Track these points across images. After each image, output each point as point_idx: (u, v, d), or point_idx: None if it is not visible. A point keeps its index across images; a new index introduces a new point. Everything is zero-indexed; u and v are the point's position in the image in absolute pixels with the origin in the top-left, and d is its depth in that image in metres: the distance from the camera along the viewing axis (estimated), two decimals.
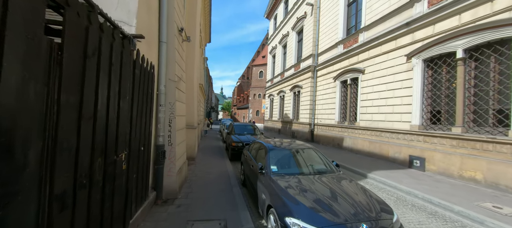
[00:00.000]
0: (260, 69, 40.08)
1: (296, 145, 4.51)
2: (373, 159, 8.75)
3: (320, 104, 13.71)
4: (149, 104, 3.25)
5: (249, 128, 9.46)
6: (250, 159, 4.58)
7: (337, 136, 11.70)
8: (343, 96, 11.77)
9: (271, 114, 24.14)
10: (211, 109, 46.28)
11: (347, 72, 11.15)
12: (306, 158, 3.98)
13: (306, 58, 15.38)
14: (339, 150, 11.13)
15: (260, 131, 9.31)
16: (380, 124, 8.86)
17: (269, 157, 3.67)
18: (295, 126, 16.73)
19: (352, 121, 10.82)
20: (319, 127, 13.69)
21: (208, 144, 12.08)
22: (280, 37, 21.47)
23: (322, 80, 13.61)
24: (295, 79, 17.14)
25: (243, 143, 7.56)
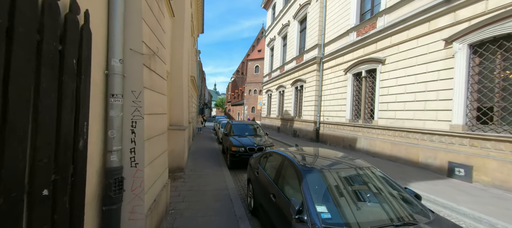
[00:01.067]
0: (256, 63, 38.37)
1: (345, 164, 2.79)
2: (397, 165, 7.40)
3: (327, 100, 12.29)
4: (84, 94, 1.63)
5: (250, 128, 7.89)
6: (267, 181, 2.99)
7: (349, 136, 10.32)
8: (356, 90, 10.36)
9: (269, 110, 22.63)
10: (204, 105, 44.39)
11: (362, 63, 9.72)
12: (373, 190, 2.31)
13: (310, 49, 13.88)
14: (352, 152, 9.75)
15: (264, 131, 7.76)
16: (406, 123, 7.49)
17: (308, 188, 2.07)
18: (297, 124, 15.29)
19: (368, 119, 9.44)
20: (326, 126, 12.29)
21: (201, 146, 10.45)
22: (279, 28, 19.86)
23: (330, 73, 12.16)
24: (297, 73, 15.65)
25: (246, 148, 6.00)
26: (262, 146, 6.12)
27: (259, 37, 52.23)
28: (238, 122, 7.87)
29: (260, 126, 8.00)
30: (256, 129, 7.79)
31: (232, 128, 7.30)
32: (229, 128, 7.42)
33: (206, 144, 11.05)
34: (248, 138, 6.66)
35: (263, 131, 7.64)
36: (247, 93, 39.50)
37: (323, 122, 12.59)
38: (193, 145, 10.53)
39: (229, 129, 7.39)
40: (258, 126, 8.04)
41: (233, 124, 7.57)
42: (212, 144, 11.36)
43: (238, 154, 5.96)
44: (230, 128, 7.38)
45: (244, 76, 53.03)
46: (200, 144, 10.93)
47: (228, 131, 7.29)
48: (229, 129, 7.39)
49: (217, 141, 12.64)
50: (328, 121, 12.10)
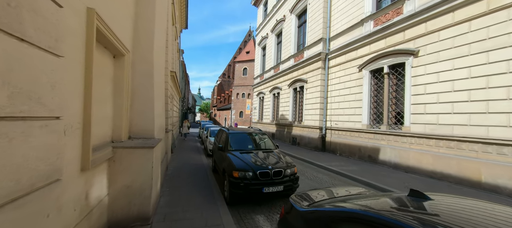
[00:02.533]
0: (244, 65, 36.25)
1: None
2: (448, 184, 5.63)
3: (336, 102, 10.50)
4: None
5: (255, 139, 5.55)
6: None
7: (367, 145, 8.52)
8: (376, 90, 8.64)
9: (261, 115, 20.56)
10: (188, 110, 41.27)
11: (383, 56, 8.04)
12: None
13: (312, 45, 12.12)
14: (373, 165, 7.93)
15: (273, 142, 5.55)
16: (457, 130, 5.78)
17: None
18: (297, 130, 13.35)
19: (395, 124, 7.70)
20: (335, 132, 10.45)
21: (185, 161, 8.02)
22: (272, 24, 18.06)
23: (339, 71, 10.41)
24: (296, 72, 13.81)
25: (256, 173, 3.77)
26: (280, 169, 3.97)
27: (246, 40, 50.44)
28: (236, 131, 5.56)
29: (268, 135, 5.80)
30: (262, 141, 5.56)
31: (229, 140, 5.00)
32: (225, 140, 5.11)
33: (191, 158, 8.62)
34: (254, 156, 4.44)
35: (272, 143, 5.48)
36: (235, 96, 37.16)
37: (330, 128, 10.75)
38: (174, 160, 8.06)
39: (225, 142, 5.08)
40: (264, 134, 5.84)
41: (230, 134, 5.23)
42: (198, 157, 8.95)
43: (243, 183, 3.71)
44: (226, 140, 5.06)
45: (231, 79, 50.73)
46: (183, 158, 8.48)
47: (223, 145, 5.00)
48: (225, 142, 5.08)
49: (204, 153, 10.23)
50: (337, 127, 10.27)
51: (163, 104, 5.68)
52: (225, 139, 5.24)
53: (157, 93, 4.42)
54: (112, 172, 2.77)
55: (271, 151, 4.98)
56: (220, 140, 5.83)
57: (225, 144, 5.01)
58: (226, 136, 5.34)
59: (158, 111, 4.54)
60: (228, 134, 5.29)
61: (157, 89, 4.35)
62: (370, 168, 7.49)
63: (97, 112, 2.64)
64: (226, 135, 5.40)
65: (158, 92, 4.50)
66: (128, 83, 3.39)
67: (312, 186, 5.59)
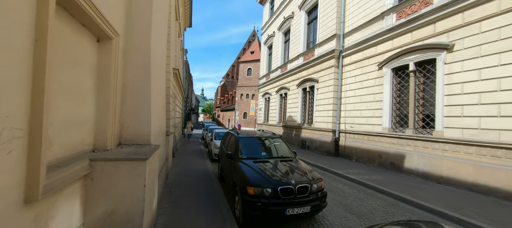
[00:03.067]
0: (248, 66, 35.53)
1: None
2: (495, 200, 4.77)
3: (351, 103, 9.67)
4: None
5: (269, 145, 4.70)
6: None
7: (390, 151, 7.68)
8: (399, 89, 7.81)
9: (266, 116, 19.80)
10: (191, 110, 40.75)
11: (409, 52, 7.21)
12: None
13: (324, 42, 11.32)
14: (398, 173, 7.08)
15: (291, 149, 4.73)
16: (504, 136, 4.93)
17: None
18: (307, 133, 12.54)
19: (423, 128, 6.86)
20: (350, 136, 9.62)
21: (187, 167, 7.30)
22: (279, 22, 17.32)
23: (354, 69, 9.60)
24: (306, 71, 13.03)
25: (277, 190, 2.99)
26: (306, 185, 3.19)
27: (251, 40, 49.84)
28: (247, 135, 4.73)
29: (283, 141, 4.99)
30: (277, 146, 4.76)
31: (239, 146, 4.22)
32: (235, 146, 4.31)
33: (194, 164, 7.89)
34: (271, 166, 3.65)
35: (289, 149, 4.68)
36: (239, 97, 36.44)
37: (345, 131, 9.92)
38: (175, 165, 7.34)
39: (234, 148, 4.30)
40: (278, 139, 5.04)
41: (240, 139, 4.42)
42: (202, 162, 8.22)
43: (261, 202, 2.93)
44: (236, 146, 4.27)
45: (235, 79, 50.13)
46: (185, 164, 7.75)
47: (233, 151, 4.22)
48: (234, 148, 4.30)
49: (209, 157, 9.49)
50: (353, 130, 9.44)
51: (163, 104, 4.96)
52: (234, 144, 4.47)
53: (156, 90, 3.69)
54: (90, 194, 2.03)
55: (289, 159, 4.19)
56: (228, 145, 5.07)
57: (234, 150, 4.23)
58: (235, 141, 4.56)
59: (157, 112, 3.81)
60: (238, 139, 4.51)
61: (155, 85, 3.63)
62: (395, 177, 6.64)
63: (67, 112, 1.91)
64: (235, 139, 4.62)
65: (157, 89, 3.78)
66: (116, 75, 2.66)
67: (336, 201, 4.78)
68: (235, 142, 4.53)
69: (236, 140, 4.50)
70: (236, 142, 4.48)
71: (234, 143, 4.56)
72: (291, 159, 4.24)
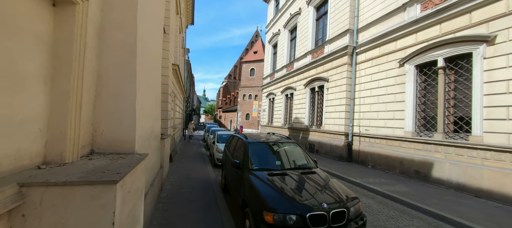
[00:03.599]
0: (251, 66, 34.77)
1: None
2: None
3: (366, 103, 8.85)
4: None
5: (284, 152, 3.83)
6: None
7: (414, 157, 6.83)
8: (424, 88, 6.98)
9: (270, 118, 18.99)
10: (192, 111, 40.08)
11: (437, 47, 6.39)
12: None
13: (336, 38, 10.52)
14: (425, 184, 6.23)
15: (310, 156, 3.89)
16: None
17: None
18: (316, 135, 11.70)
19: (455, 132, 6.02)
20: (365, 140, 8.78)
21: (187, 173, 6.52)
22: (285, 19, 16.57)
23: (370, 67, 8.78)
24: (314, 70, 12.22)
25: (305, 217, 2.13)
26: (342, 209, 2.37)
27: (253, 41, 49.17)
28: (257, 140, 3.86)
29: (299, 146, 4.15)
30: (294, 154, 3.88)
31: (249, 154, 3.39)
32: (244, 154, 3.46)
33: (194, 170, 7.10)
34: (292, 181, 2.82)
35: (309, 156, 3.85)
36: (241, 98, 35.67)
37: (359, 135, 9.08)
38: (173, 172, 6.56)
39: (243, 156, 3.46)
40: (293, 144, 4.20)
41: (250, 145, 3.58)
42: (203, 168, 7.42)
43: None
44: (245, 154, 3.42)
45: (237, 80, 49.45)
46: (184, 170, 6.97)
47: (241, 160, 3.40)
48: (243, 156, 3.46)
49: (211, 162, 8.70)
50: (368, 133, 8.60)
51: (157, 101, 4.18)
52: (242, 151, 3.67)
53: (146, 83, 2.91)
54: None
55: (312, 171, 3.37)
56: (234, 151, 4.27)
57: (243, 159, 3.43)
58: (243, 147, 3.75)
59: (147, 111, 3.02)
60: (247, 145, 3.69)
61: (145, 77, 2.85)
62: (424, 188, 5.80)
63: None
64: (243, 145, 3.81)
65: (147, 82, 3.00)
66: (82, 56, 1.88)
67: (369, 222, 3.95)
68: (243, 149, 3.73)
69: (245, 146, 3.70)
70: (244, 148, 3.67)
71: (242, 149, 3.76)
72: (313, 170, 3.43)
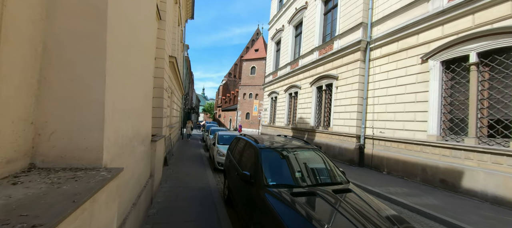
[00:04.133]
0: (252, 64, 33.96)
1: None
2: None
3: (381, 103, 8.10)
4: None
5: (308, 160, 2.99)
6: None
7: (439, 164, 6.09)
8: (451, 87, 6.23)
9: (272, 117, 18.23)
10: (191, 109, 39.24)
11: (469, 40, 5.65)
12: None
13: (347, 33, 9.76)
14: (454, 195, 5.49)
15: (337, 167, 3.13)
16: None
17: None
18: (323, 137, 10.95)
19: (491, 138, 5.27)
20: (380, 143, 8.03)
21: (183, 180, 5.74)
22: (290, 14, 15.79)
23: (387, 63, 8.03)
24: (322, 67, 11.46)
25: None
26: None
27: (254, 39, 48.32)
28: (272, 146, 2.97)
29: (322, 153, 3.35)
30: (319, 164, 3.03)
31: (262, 165, 2.57)
32: (255, 164, 2.58)
33: (192, 176, 6.32)
34: (325, 206, 2.06)
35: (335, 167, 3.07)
36: (241, 97, 34.87)
37: (372, 137, 8.33)
38: (166, 179, 5.78)
39: (254, 167, 2.60)
40: (313, 149, 3.39)
41: (262, 152, 2.74)
42: (202, 174, 6.65)
43: None
44: (257, 164, 2.58)
45: (237, 79, 48.63)
46: (180, 176, 6.19)
47: (252, 172, 2.59)
48: (254, 167, 2.60)
49: (211, 165, 7.92)
50: (383, 136, 7.86)
51: (147, 96, 3.39)
52: (254, 160, 2.87)
53: (125, 67, 2.13)
54: None
55: (346, 188, 2.57)
56: (241, 158, 3.49)
57: (255, 171, 2.65)
58: (255, 154, 2.95)
59: (128, 106, 2.24)
60: (259, 152, 2.88)
61: (123, 57, 2.06)
62: (454, 201, 5.05)
63: None
64: (254, 152, 3.00)
65: (128, 66, 2.21)
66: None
67: None
68: (254, 157, 2.93)
69: (256, 154, 2.90)
70: (256, 156, 2.88)
71: (252, 157, 2.97)
72: (347, 186, 2.65)
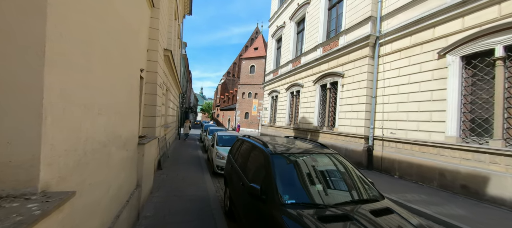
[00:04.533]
0: (251, 63, 33.36)
1: None
2: None
3: (392, 102, 7.58)
4: None
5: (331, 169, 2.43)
6: None
7: (459, 169, 5.57)
8: (472, 84, 5.72)
9: (273, 117, 17.68)
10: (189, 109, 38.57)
11: (492, 33, 5.13)
12: None
13: (354, 27, 9.23)
14: (479, 203, 4.98)
15: (366, 178, 2.59)
16: None
17: None
18: (327, 138, 10.41)
19: None
20: (391, 145, 7.51)
21: (178, 187, 5.16)
22: (292, 10, 15.25)
23: (398, 59, 7.51)
24: (326, 65, 10.92)
25: None
26: None
27: (253, 37, 47.73)
28: (285, 151, 2.40)
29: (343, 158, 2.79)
30: (344, 173, 2.39)
31: (276, 177, 1.90)
32: (266, 175, 1.97)
33: (188, 182, 5.74)
34: None
35: (366, 180, 2.50)
36: (240, 96, 34.27)
37: (382, 138, 7.81)
38: (159, 186, 5.20)
39: (265, 179, 2.03)
40: (334, 156, 2.81)
41: (274, 159, 2.08)
42: (200, 179, 6.07)
43: None
44: (267, 174, 1.91)
45: (236, 78, 48.02)
46: (175, 182, 5.60)
47: (265, 186, 1.98)
48: (265, 179, 2.03)
49: (209, 169, 7.33)
50: (394, 137, 7.33)
51: (132, 89, 2.79)
52: (264, 171, 2.26)
53: (88, 37, 1.53)
54: None
55: (385, 208, 1.98)
56: (246, 165, 2.92)
57: (267, 185, 2.06)
58: (265, 163, 2.32)
59: (88, 95, 1.64)
60: (271, 159, 2.26)
61: (80, 18, 1.46)
62: (481, 210, 4.53)
63: None
64: (264, 160, 2.36)
65: (92, 36, 1.62)
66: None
67: None
68: (264, 165, 2.34)
69: (267, 162, 2.30)
70: (266, 165, 2.28)
71: (261, 167, 2.38)
72: (384, 204, 2.08)
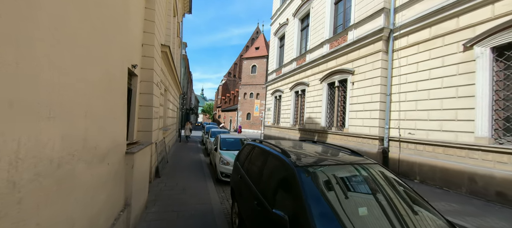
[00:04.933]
0: (253, 62, 32.79)
1: None
2: None
3: (409, 100, 6.98)
4: None
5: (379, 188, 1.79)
6: None
7: (494, 173, 4.97)
8: (505, 78, 5.11)
9: (276, 117, 17.11)
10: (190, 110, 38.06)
11: None
12: None
13: (364, 21, 8.64)
14: None
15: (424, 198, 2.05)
16: None
17: None
18: (336, 139, 9.82)
19: None
20: (410, 146, 6.90)
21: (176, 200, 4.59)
22: (295, 7, 14.69)
23: (416, 53, 6.91)
24: (334, 61, 10.34)
25: None
26: None
27: (254, 37, 47.23)
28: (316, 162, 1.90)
29: (390, 172, 2.22)
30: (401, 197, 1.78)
31: (310, 204, 1.31)
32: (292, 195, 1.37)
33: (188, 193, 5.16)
34: None
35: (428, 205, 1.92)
36: (242, 96, 33.69)
37: (398, 139, 7.20)
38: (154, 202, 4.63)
39: (291, 202, 1.43)
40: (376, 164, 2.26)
41: (303, 175, 1.53)
42: (202, 187, 5.50)
43: None
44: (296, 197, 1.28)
45: (237, 78, 47.49)
46: (174, 193, 5.03)
47: (293, 215, 1.48)
48: (291, 202, 1.43)
49: (212, 175, 6.75)
50: (413, 138, 6.73)
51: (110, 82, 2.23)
52: (292, 192, 1.63)
53: None
54: None
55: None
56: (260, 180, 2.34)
57: (295, 213, 1.46)
58: (291, 180, 1.62)
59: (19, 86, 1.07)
60: (299, 177, 1.62)
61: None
62: None
63: None
64: (288, 176, 1.70)
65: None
66: None
67: None
68: (290, 185, 1.68)
69: (294, 181, 1.63)
70: (293, 185, 1.61)
71: (286, 186, 1.76)
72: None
